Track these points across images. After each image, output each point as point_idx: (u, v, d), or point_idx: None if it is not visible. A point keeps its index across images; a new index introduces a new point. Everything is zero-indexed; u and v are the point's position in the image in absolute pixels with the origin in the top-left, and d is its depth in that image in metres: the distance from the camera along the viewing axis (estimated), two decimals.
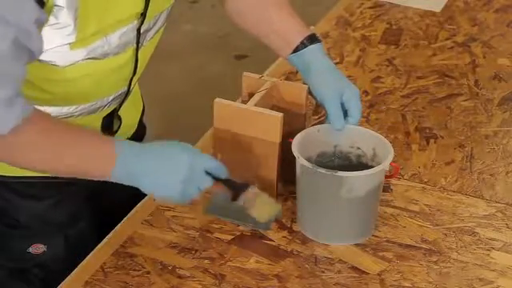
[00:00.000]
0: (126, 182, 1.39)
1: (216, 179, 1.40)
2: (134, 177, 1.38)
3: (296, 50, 1.60)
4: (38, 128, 1.33)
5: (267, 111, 1.52)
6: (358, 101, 1.57)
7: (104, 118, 1.58)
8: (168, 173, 1.37)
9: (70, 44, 1.37)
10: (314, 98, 1.60)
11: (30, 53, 1.30)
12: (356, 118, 1.56)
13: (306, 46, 1.59)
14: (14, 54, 1.27)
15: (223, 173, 1.42)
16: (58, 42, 1.35)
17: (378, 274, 1.47)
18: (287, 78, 1.94)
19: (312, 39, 1.60)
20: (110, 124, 1.61)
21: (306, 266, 1.49)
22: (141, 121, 1.77)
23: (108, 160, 1.36)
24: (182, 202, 1.41)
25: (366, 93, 1.97)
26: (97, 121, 1.57)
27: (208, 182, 1.40)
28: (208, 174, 1.40)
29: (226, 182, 1.42)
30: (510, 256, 1.52)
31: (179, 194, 1.38)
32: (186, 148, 1.40)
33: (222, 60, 3.94)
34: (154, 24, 1.52)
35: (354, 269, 1.48)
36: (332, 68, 1.61)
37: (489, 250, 1.52)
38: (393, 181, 1.67)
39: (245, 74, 1.63)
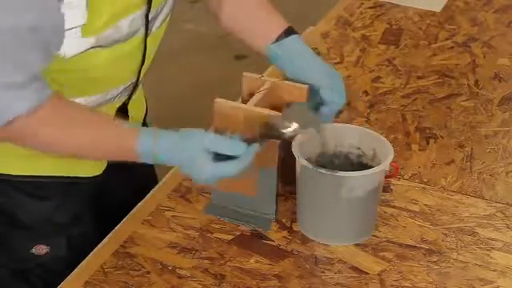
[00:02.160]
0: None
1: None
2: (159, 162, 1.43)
3: (277, 40, 1.62)
4: (56, 110, 1.36)
5: (267, 111, 1.52)
6: (342, 83, 1.61)
7: (116, 112, 1.59)
8: (194, 173, 1.40)
9: (81, 27, 1.37)
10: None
11: (47, 44, 1.32)
12: (342, 100, 1.60)
13: (286, 37, 1.62)
14: (30, 41, 1.29)
15: (244, 170, 1.42)
16: (70, 22, 1.35)
17: (378, 274, 1.47)
18: (287, 78, 1.93)
19: (290, 31, 1.63)
20: (123, 117, 1.62)
21: (306, 265, 1.49)
22: (144, 121, 1.77)
23: (130, 153, 1.40)
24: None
25: (366, 93, 1.97)
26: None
27: (235, 171, 1.42)
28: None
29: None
30: (510, 256, 1.52)
31: (210, 180, 1.42)
32: (206, 163, 1.39)
33: (222, 60, 3.94)
34: (161, 10, 1.52)
35: (354, 269, 1.48)
36: (314, 54, 1.64)
37: (489, 250, 1.52)
38: (393, 181, 1.67)
39: (245, 74, 1.63)
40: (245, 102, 1.59)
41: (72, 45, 1.39)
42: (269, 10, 1.67)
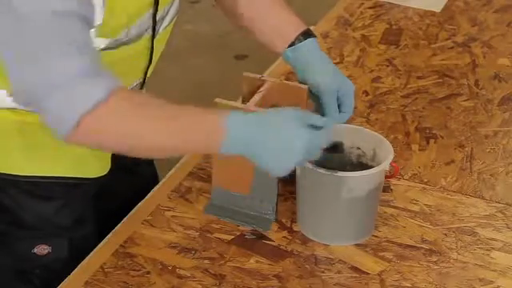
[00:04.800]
0: (238, 154, 1.33)
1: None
2: (246, 152, 1.32)
3: (292, 45, 1.61)
4: (130, 99, 1.28)
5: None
6: (353, 96, 1.60)
7: None
8: (284, 156, 1.32)
9: (96, 28, 1.35)
10: (309, 92, 1.60)
11: (89, 22, 1.28)
12: (348, 113, 1.59)
13: (301, 41, 1.61)
14: (80, 24, 1.25)
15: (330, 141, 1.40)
16: None
17: (378, 274, 1.47)
18: (287, 78, 1.93)
19: (307, 34, 1.61)
20: None
21: (306, 266, 1.49)
22: None
23: (217, 133, 1.29)
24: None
25: (365, 93, 1.97)
26: None
27: (318, 156, 1.37)
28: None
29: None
30: (510, 256, 1.52)
31: (289, 170, 1.35)
32: (302, 126, 1.32)
33: (222, 60, 3.94)
34: (168, 11, 1.52)
35: (354, 269, 1.48)
36: (329, 62, 1.62)
37: (489, 250, 1.52)
38: (393, 181, 1.67)
39: (245, 74, 1.63)
40: (245, 102, 1.59)
41: None
42: (282, 6, 1.65)
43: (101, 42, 1.39)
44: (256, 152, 1.31)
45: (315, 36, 1.63)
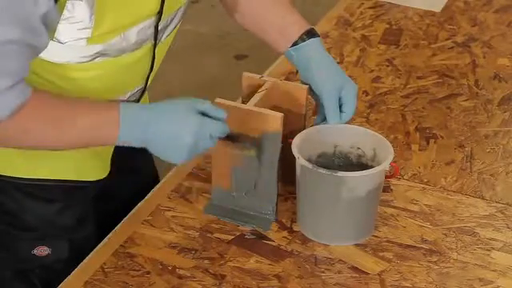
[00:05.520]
0: (133, 145, 1.39)
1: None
2: (139, 141, 1.38)
3: (295, 44, 1.61)
4: (36, 104, 1.32)
5: (267, 111, 1.52)
6: (355, 97, 1.59)
7: None
8: (174, 138, 1.37)
9: (86, 39, 1.36)
10: (311, 92, 1.60)
11: (34, 48, 1.30)
12: (349, 114, 1.58)
13: (304, 40, 1.60)
14: (17, 52, 1.27)
15: (226, 132, 1.43)
16: (73, 35, 1.35)
17: (378, 274, 1.47)
18: (287, 78, 1.94)
19: (311, 33, 1.61)
20: None
21: (306, 266, 1.49)
22: None
23: (112, 126, 1.35)
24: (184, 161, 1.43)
25: (365, 93, 1.97)
26: None
27: (212, 145, 1.41)
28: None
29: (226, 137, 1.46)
30: (510, 256, 1.52)
31: (184, 158, 1.39)
32: (192, 112, 1.38)
33: (222, 60, 3.94)
34: (172, 20, 1.52)
35: (354, 269, 1.48)
36: (332, 62, 1.61)
37: (489, 250, 1.53)
38: (393, 181, 1.67)
39: (245, 74, 1.63)
40: (245, 102, 1.59)
41: (78, 52, 1.39)
42: (285, 5, 1.64)
43: (93, 48, 1.40)
44: (150, 138, 1.37)
45: (319, 35, 1.62)
